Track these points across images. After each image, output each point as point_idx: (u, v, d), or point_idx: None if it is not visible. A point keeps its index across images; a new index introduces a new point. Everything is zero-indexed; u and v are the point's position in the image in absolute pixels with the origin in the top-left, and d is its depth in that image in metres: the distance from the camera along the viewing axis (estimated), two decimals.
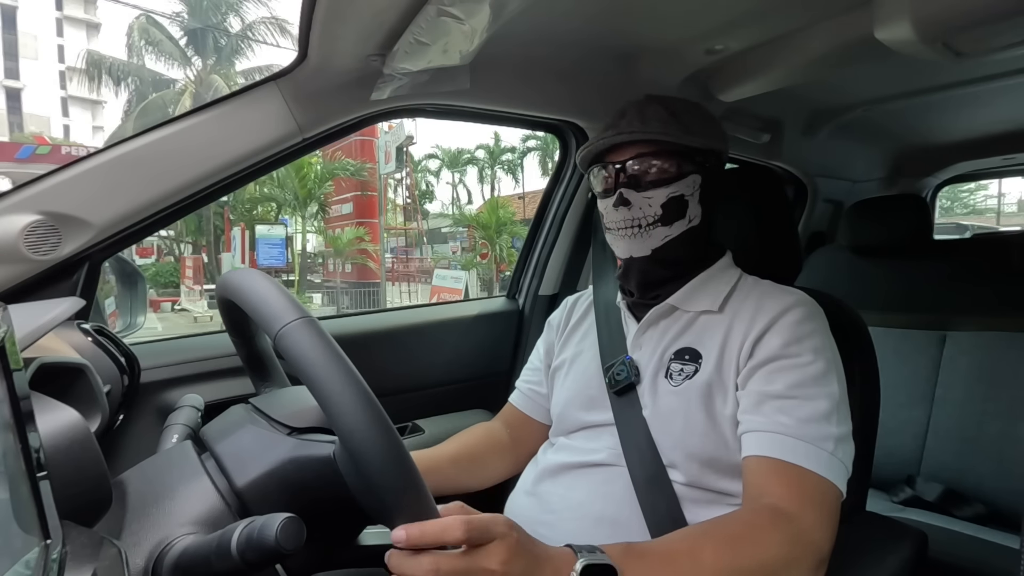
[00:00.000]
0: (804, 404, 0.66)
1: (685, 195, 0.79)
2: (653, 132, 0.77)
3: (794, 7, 0.93)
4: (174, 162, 0.83)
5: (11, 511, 0.31)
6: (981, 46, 0.91)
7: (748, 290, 0.80)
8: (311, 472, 0.51)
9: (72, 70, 38.79)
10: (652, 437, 0.75)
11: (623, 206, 0.78)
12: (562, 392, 0.89)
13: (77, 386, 0.61)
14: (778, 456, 0.63)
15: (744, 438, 0.68)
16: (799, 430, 0.64)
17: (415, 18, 0.75)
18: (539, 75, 1.10)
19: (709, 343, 0.76)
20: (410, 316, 1.33)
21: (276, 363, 0.70)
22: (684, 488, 0.71)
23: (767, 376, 0.69)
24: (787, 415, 0.65)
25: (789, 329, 0.71)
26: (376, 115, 0.98)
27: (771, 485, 0.63)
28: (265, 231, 14.06)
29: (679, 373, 0.76)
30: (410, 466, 0.43)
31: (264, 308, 0.47)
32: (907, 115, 1.67)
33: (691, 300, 0.81)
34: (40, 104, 38.55)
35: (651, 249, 0.80)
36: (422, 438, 1.16)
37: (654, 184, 0.78)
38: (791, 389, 0.67)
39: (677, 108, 0.81)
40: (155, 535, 0.45)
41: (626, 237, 0.80)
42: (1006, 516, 1.23)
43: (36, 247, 0.75)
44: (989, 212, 20.10)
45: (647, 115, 0.80)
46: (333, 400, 0.42)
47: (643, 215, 0.78)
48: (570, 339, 0.94)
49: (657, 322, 0.82)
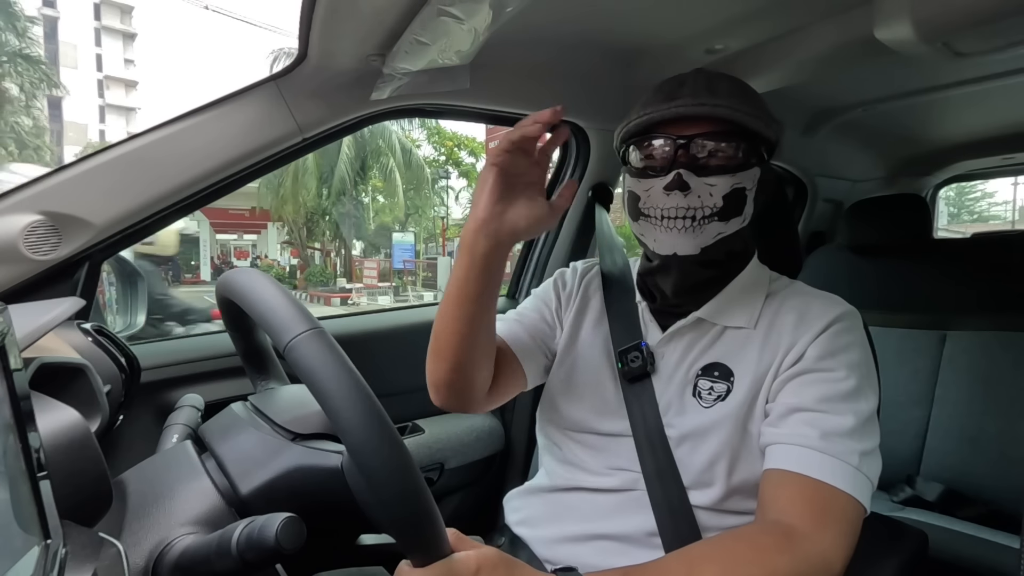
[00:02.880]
0: (830, 418, 0.62)
1: (747, 188, 0.69)
2: (731, 109, 0.66)
3: (794, 7, 0.93)
4: (174, 162, 0.83)
5: (11, 511, 0.31)
6: (981, 46, 0.91)
7: (784, 299, 0.73)
8: (317, 482, 0.51)
9: (109, 79, 39.30)
10: (674, 459, 0.70)
11: (679, 191, 0.66)
12: (568, 383, 0.80)
13: (77, 386, 0.61)
14: (799, 470, 0.60)
15: (766, 451, 0.64)
16: (823, 443, 0.60)
17: (415, 18, 0.75)
18: (539, 75, 1.10)
19: (742, 361, 0.70)
20: (410, 316, 1.33)
21: (275, 359, 0.70)
22: (706, 513, 0.67)
23: (796, 388, 0.65)
24: (812, 427, 0.62)
25: (827, 341, 0.66)
26: (376, 115, 0.98)
27: (788, 501, 0.59)
28: (399, 237, 16.76)
29: (709, 392, 0.70)
30: (422, 491, 0.43)
31: (273, 317, 0.47)
32: (907, 115, 1.67)
33: (724, 314, 0.73)
34: (78, 112, 39.45)
35: (701, 248, 0.69)
36: (422, 438, 1.16)
37: (719, 170, 0.67)
38: (819, 403, 0.63)
39: (742, 87, 0.71)
40: (155, 535, 0.45)
41: (674, 230, 0.68)
42: (1006, 516, 1.23)
43: (36, 247, 0.75)
44: (995, 219, 20.06)
45: (716, 87, 0.68)
46: (345, 419, 0.42)
47: (701, 204, 0.67)
48: (578, 321, 0.84)
49: (684, 335, 0.74)
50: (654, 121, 0.68)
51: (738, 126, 0.66)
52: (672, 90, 0.69)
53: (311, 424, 0.55)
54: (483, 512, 1.23)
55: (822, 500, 0.58)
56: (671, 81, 0.71)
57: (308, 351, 0.44)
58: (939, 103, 1.52)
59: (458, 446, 1.20)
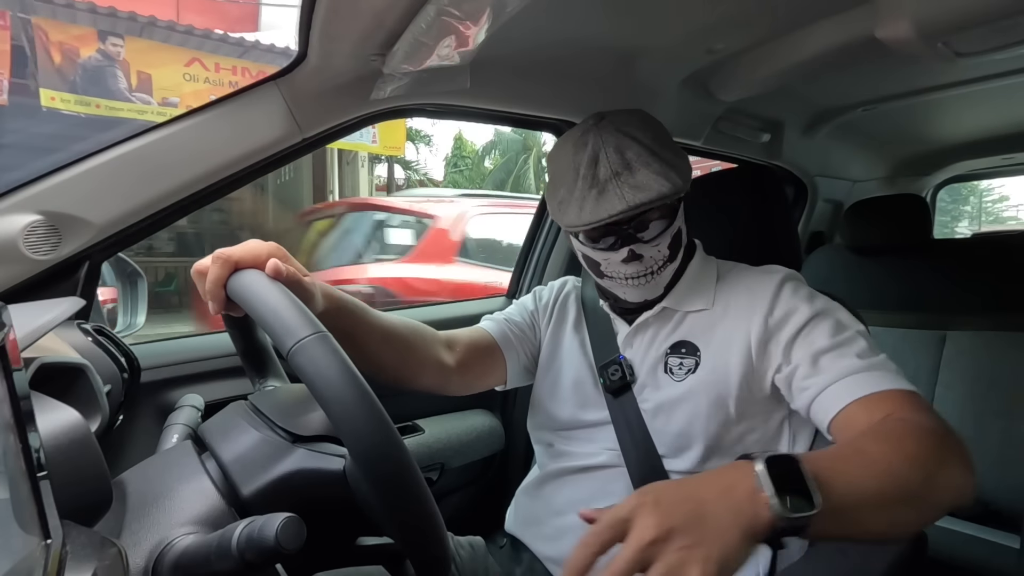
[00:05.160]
0: (851, 344, 0.67)
1: (681, 228, 0.79)
2: (659, 190, 0.72)
3: (794, 7, 0.93)
4: (174, 162, 0.83)
5: (11, 511, 0.31)
6: (981, 46, 0.91)
7: (733, 279, 0.81)
8: (319, 485, 0.51)
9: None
10: (650, 435, 0.77)
11: (635, 260, 0.76)
12: (554, 390, 0.88)
13: (77, 386, 0.61)
14: (862, 393, 0.62)
15: (818, 402, 0.66)
16: (862, 363, 0.65)
17: (415, 18, 0.75)
18: (539, 75, 1.10)
19: (704, 336, 0.78)
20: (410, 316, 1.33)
21: (275, 359, 0.70)
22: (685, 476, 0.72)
23: (804, 341, 0.70)
24: (845, 358, 0.66)
25: (790, 301, 0.73)
26: (376, 115, 0.98)
27: (869, 423, 0.60)
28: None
29: (679, 367, 0.78)
30: (425, 500, 0.43)
31: (277, 321, 0.47)
32: (907, 115, 1.67)
33: (684, 301, 0.81)
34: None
35: (663, 287, 0.80)
36: (422, 438, 1.16)
37: (659, 230, 0.76)
38: (832, 339, 0.68)
39: (648, 139, 0.75)
40: (155, 535, 0.45)
41: (639, 286, 0.78)
42: (1006, 516, 1.23)
43: (36, 247, 0.75)
44: (1011, 220, 19.99)
45: (630, 160, 0.73)
46: (350, 426, 0.42)
47: (654, 262, 0.77)
48: (557, 332, 0.93)
49: (649, 325, 0.83)
50: (595, 227, 0.74)
51: (667, 197, 0.73)
52: (593, 176, 0.74)
53: (312, 426, 0.55)
54: (483, 512, 1.23)
55: (898, 401, 0.61)
56: (588, 164, 0.74)
57: (312, 356, 0.44)
58: (939, 103, 1.52)
59: (458, 446, 1.20)
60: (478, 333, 0.91)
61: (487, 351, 0.89)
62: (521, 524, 0.88)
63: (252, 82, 0.88)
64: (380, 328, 0.76)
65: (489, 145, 12.87)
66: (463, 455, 1.21)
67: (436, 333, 0.86)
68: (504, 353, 0.89)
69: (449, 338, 0.87)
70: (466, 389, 0.88)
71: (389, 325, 0.78)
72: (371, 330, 0.75)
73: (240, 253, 0.57)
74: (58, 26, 4.79)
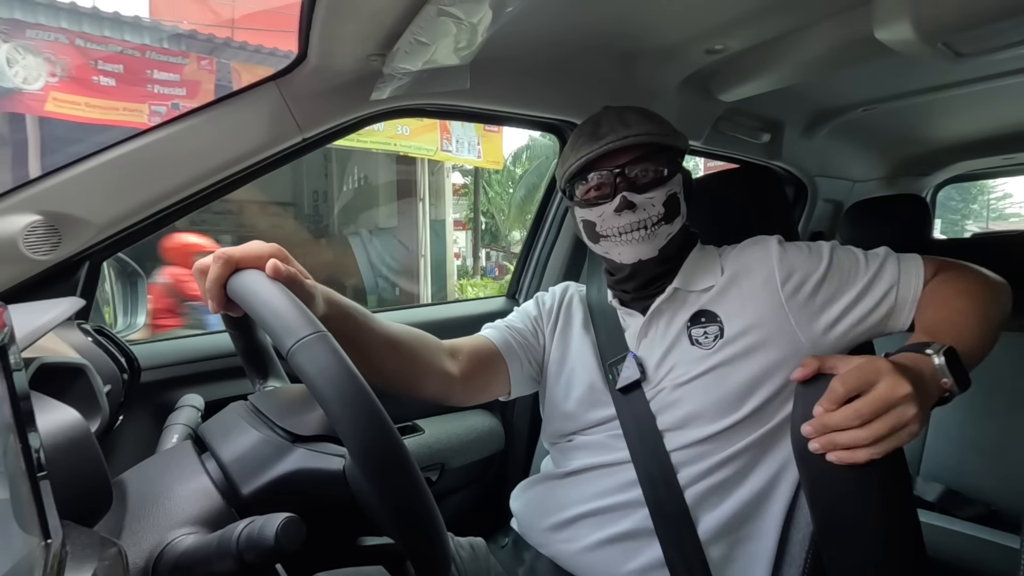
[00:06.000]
0: (868, 263, 0.79)
1: (678, 193, 0.82)
2: (648, 134, 0.79)
3: (794, 7, 0.93)
4: (174, 162, 0.83)
5: (11, 511, 0.31)
6: (981, 46, 0.91)
7: (733, 254, 0.86)
8: (319, 485, 0.51)
9: None
10: (659, 431, 0.78)
11: (628, 210, 0.78)
12: (568, 392, 0.88)
13: (77, 386, 0.61)
14: (914, 292, 0.77)
15: (896, 312, 0.78)
16: (900, 273, 0.78)
17: (415, 18, 0.75)
18: (539, 75, 1.10)
19: (723, 303, 0.81)
20: (409, 316, 1.33)
21: (274, 359, 0.70)
22: (697, 447, 0.76)
23: (836, 283, 0.78)
24: (888, 271, 0.78)
25: (794, 257, 0.80)
26: (376, 115, 0.98)
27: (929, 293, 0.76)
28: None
29: (704, 336, 0.80)
30: (425, 501, 0.44)
31: (277, 321, 0.47)
32: (907, 115, 1.67)
33: (693, 280, 0.84)
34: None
35: (658, 249, 0.81)
36: (422, 438, 1.16)
37: (654, 184, 0.80)
38: (860, 262, 0.80)
39: (647, 113, 0.84)
40: (155, 535, 0.45)
41: (632, 241, 0.80)
42: (1006, 516, 1.23)
43: (36, 247, 0.75)
44: (1014, 217, 20.09)
45: (628, 119, 0.81)
46: (349, 426, 0.42)
47: (648, 216, 0.79)
48: (565, 336, 0.93)
49: (663, 311, 0.85)
50: (591, 160, 0.80)
51: (657, 146, 0.80)
52: (593, 131, 0.82)
53: (312, 426, 0.55)
54: (484, 512, 1.23)
55: (930, 265, 0.78)
56: (588, 123, 0.84)
57: (312, 355, 0.43)
58: (939, 103, 1.52)
59: (458, 446, 1.20)
60: (480, 341, 0.90)
61: (490, 360, 0.88)
62: (529, 512, 0.88)
63: (252, 82, 0.88)
64: (383, 334, 0.75)
65: (521, 149, 12.99)
66: (463, 455, 1.21)
67: (440, 342, 0.85)
68: (507, 362, 0.89)
69: (452, 347, 0.86)
70: (469, 400, 0.87)
71: (392, 332, 0.77)
72: (374, 336, 0.74)
73: (241, 253, 0.57)
74: (248, 68, 5.30)
